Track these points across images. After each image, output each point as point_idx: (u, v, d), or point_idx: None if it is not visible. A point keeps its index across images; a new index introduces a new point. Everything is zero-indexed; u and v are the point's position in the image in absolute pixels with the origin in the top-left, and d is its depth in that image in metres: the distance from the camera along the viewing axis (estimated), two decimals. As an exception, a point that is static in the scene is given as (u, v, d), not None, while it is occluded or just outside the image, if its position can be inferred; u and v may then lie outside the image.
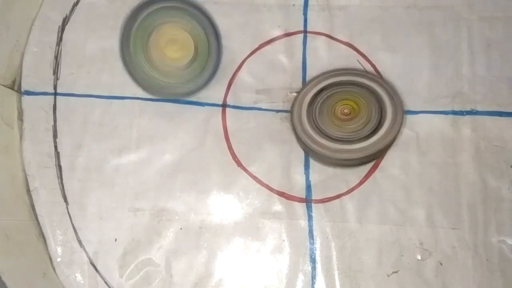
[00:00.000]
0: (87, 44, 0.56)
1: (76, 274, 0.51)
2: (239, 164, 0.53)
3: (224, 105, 0.55)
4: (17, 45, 0.55)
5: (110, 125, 0.54)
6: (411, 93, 0.54)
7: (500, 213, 0.51)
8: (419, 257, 0.51)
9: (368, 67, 0.55)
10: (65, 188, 0.52)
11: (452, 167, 0.52)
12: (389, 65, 0.55)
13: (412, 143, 0.53)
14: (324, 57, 0.56)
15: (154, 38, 0.51)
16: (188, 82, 0.52)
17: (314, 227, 0.52)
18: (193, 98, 0.55)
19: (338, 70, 0.54)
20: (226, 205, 0.53)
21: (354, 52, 0.56)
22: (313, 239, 0.52)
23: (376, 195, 0.52)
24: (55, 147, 0.53)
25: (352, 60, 0.56)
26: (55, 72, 0.55)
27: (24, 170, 0.53)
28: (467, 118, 0.53)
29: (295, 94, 0.55)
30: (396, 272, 0.50)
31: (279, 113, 0.55)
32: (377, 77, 0.53)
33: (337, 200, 0.52)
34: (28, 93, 0.55)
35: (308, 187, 0.53)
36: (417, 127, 0.53)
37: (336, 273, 0.51)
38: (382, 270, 0.50)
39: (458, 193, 0.52)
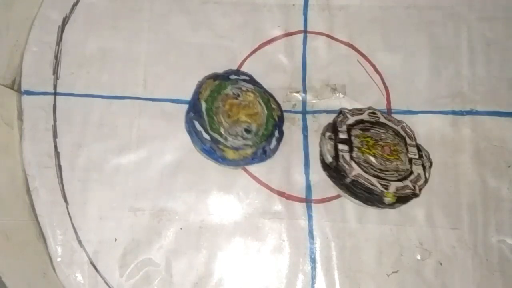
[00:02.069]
0: (87, 44, 0.56)
1: (76, 274, 0.51)
2: (239, 164, 0.53)
3: (224, 105, 0.55)
4: (17, 45, 0.55)
5: (110, 125, 0.54)
6: (411, 93, 0.54)
7: (499, 213, 0.51)
8: (419, 257, 0.51)
9: (368, 67, 0.55)
10: (65, 188, 0.52)
11: (452, 167, 0.52)
12: (389, 65, 0.55)
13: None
14: (324, 57, 0.56)
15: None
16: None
17: (314, 227, 0.52)
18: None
19: None
20: (226, 205, 0.53)
21: (354, 52, 0.56)
22: (313, 239, 0.52)
23: (376, 195, 0.52)
24: (55, 147, 0.53)
25: (352, 60, 0.56)
26: (55, 72, 0.55)
27: (24, 170, 0.53)
28: (467, 118, 0.53)
29: (295, 93, 0.55)
30: (396, 272, 0.50)
31: (279, 113, 0.55)
32: None
33: (337, 200, 0.52)
34: (28, 93, 0.54)
35: (308, 187, 0.53)
36: (417, 127, 0.53)
37: (336, 273, 0.51)
38: (382, 270, 0.50)
39: (458, 193, 0.52)
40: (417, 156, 0.49)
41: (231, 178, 0.53)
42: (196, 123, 0.51)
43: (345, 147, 0.49)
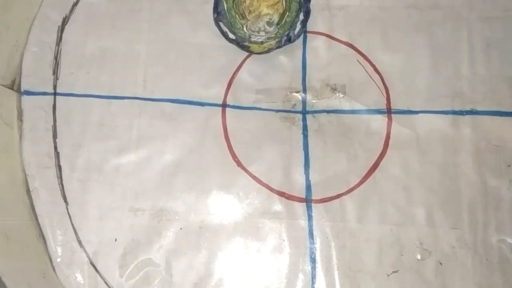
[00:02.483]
0: (87, 44, 0.56)
1: (76, 274, 0.51)
2: (239, 164, 0.53)
3: (224, 105, 0.55)
4: (16, 45, 0.55)
5: (109, 125, 0.54)
6: (411, 93, 0.54)
7: (499, 212, 0.51)
8: (419, 257, 0.51)
9: (368, 67, 0.55)
10: (65, 188, 0.52)
11: (452, 167, 0.52)
12: (389, 65, 0.55)
13: (412, 143, 0.53)
14: (324, 57, 0.56)
15: None
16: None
17: (314, 227, 0.52)
18: (193, 98, 0.55)
19: None
20: (226, 205, 0.53)
21: (354, 52, 0.56)
22: (313, 239, 0.52)
23: (376, 195, 0.52)
24: (55, 147, 0.53)
25: (352, 60, 0.56)
26: (55, 72, 0.55)
27: (24, 170, 0.53)
28: (467, 117, 0.53)
29: (295, 93, 0.55)
30: (396, 272, 0.50)
31: (279, 113, 0.55)
32: None
33: (337, 200, 0.52)
34: (28, 93, 0.54)
35: (308, 187, 0.53)
36: (417, 127, 0.53)
37: (336, 273, 0.51)
38: (382, 270, 0.50)
39: (458, 193, 0.52)
40: None
41: (231, 178, 0.53)
42: (221, 24, 0.53)
43: None
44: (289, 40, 0.53)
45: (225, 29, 0.53)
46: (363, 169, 0.53)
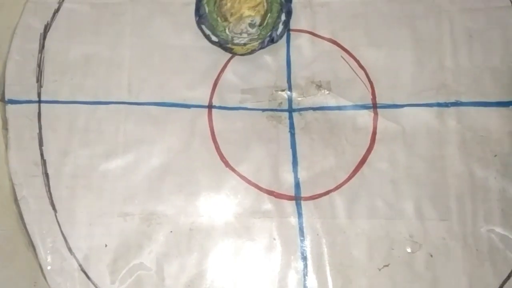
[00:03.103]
0: (70, 50, 0.56)
1: (68, 282, 0.50)
2: (227, 164, 0.53)
3: (210, 106, 0.55)
4: (-1, 55, 0.55)
5: (96, 130, 0.54)
6: (395, 87, 0.55)
7: (487, 202, 0.51)
8: (409, 250, 0.51)
9: (352, 63, 0.55)
10: (53, 196, 0.52)
11: (439, 159, 0.52)
12: (372, 59, 0.55)
13: (399, 137, 0.53)
14: (308, 54, 0.56)
15: None
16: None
17: (304, 225, 0.52)
18: (179, 100, 0.55)
19: None
20: (215, 206, 0.53)
21: (338, 48, 0.56)
22: (303, 236, 0.52)
23: (364, 190, 0.52)
24: (41, 155, 0.53)
25: (336, 56, 0.56)
26: (39, 79, 0.55)
27: (11, 180, 0.52)
28: (452, 109, 0.54)
29: (280, 92, 0.55)
30: (387, 265, 0.51)
31: (265, 112, 0.55)
32: None
33: (326, 197, 0.52)
34: (12, 101, 0.54)
35: (297, 184, 0.53)
36: (403, 120, 0.53)
37: (327, 269, 0.51)
38: (373, 264, 0.51)
39: (446, 185, 0.52)
40: None
41: (219, 179, 0.53)
42: (204, 27, 0.53)
43: None
44: (272, 41, 0.54)
45: (207, 31, 0.53)
46: (351, 164, 0.53)
